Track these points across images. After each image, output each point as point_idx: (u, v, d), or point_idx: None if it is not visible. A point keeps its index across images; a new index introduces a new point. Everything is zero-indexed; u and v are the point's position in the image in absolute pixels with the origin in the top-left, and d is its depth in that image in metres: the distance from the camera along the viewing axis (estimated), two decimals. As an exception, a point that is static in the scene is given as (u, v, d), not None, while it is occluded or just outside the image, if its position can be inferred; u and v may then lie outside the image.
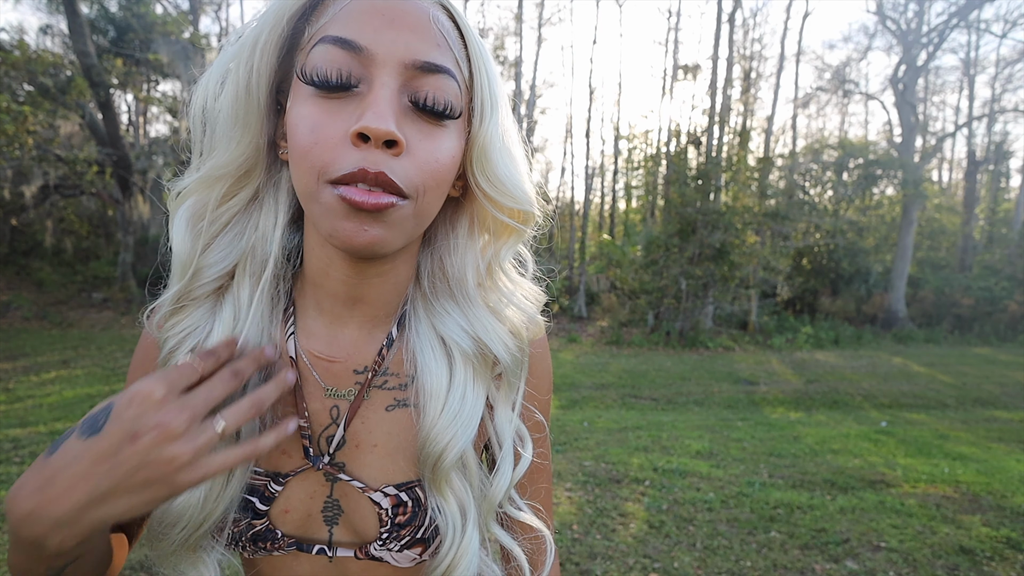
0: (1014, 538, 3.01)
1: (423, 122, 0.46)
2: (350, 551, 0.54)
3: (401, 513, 0.53)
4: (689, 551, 2.86)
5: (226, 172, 0.50)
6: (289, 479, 0.53)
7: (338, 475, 0.53)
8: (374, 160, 0.42)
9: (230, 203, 0.51)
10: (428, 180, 0.46)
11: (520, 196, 0.52)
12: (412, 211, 0.46)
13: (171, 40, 12.12)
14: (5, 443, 4.28)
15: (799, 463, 4.31)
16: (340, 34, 0.43)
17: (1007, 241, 17.66)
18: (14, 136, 8.84)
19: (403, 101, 0.45)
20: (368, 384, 0.54)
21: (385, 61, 0.43)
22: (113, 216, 14.56)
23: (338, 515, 0.54)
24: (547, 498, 0.62)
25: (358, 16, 0.44)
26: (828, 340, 12.40)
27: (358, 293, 0.53)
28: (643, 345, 11.33)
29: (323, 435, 0.54)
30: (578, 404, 6.79)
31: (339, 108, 0.44)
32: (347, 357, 0.54)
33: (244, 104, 0.47)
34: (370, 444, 0.54)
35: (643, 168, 20.99)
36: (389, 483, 0.53)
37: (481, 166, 0.50)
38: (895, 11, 17.57)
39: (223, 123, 0.48)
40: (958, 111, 22.94)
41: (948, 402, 7.37)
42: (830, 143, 18.88)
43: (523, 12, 15.66)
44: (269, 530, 0.53)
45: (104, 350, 8.54)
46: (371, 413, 0.54)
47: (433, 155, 0.46)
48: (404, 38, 0.44)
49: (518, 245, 0.57)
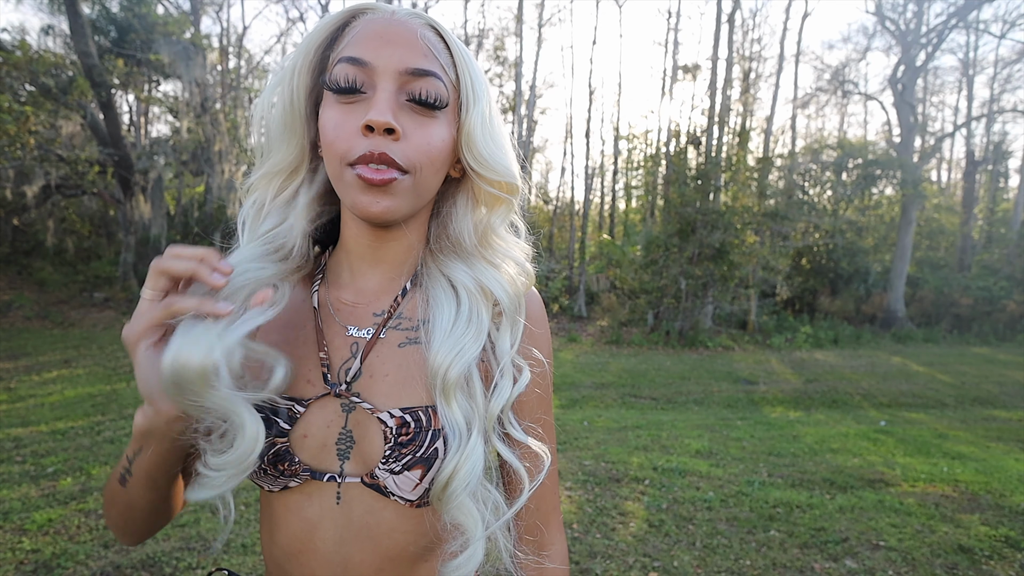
0: (1013, 537, 3.03)
1: (418, 115, 0.59)
2: (357, 478, 0.61)
3: (404, 433, 0.60)
4: (689, 550, 2.88)
5: (280, 168, 0.65)
6: (310, 403, 0.62)
7: (351, 399, 0.61)
8: (378, 144, 0.56)
9: (282, 196, 0.66)
10: (423, 158, 0.58)
11: (503, 171, 0.64)
12: (412, 184, 0.59)
13: (172, 40, 12.11)
14: (7, 442, 4.29)
15: (798, 462, 4.33)
16: (351, 54, 0.58)
17: (1006, 241, 17.67)
18: (16, 136, 8.86)
19: (401, 100, 0.58)
20: (384, 324, 0.65)
21: (384, 71, 0.57)
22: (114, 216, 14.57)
23: (350, 447, 0.61)
24: (548, 429, 0.71)
25: (364, 39, 0.58)
26: (827, 340, 12.42)
27: (379, 255, 0.66)
28: (643, 345, 11.34)
29: (343, 368, 0.63)
30: (578, 403, 6.81)
31: (353, 109, 0.57)
32: (368, 303, 0.66)
33: (290, 116, 0.62)
34: (382, 374, 0.63)
35: (643, 168, 21.01)
36: (396, 406, 0.61)
37: (469, 147, 0.62)
38: (894, 12, 17.59)
39: (276, 132, 0.63)
40: (957, 111, 22.97)
41: (947, 401, 7.39)
42: (829, 143, 18.91)
43: (523, 12, 15.66)
44: (288, 452, 0.60)
45: (105, 349, 8.55)
46: (385, 349, 0.64)
47: (426, 139, 0.58)
48: (398, 53, 0.57)
49: (510, 214, 0.69)
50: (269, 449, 0.60)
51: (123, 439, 4.44)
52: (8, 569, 2.50)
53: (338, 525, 0.61)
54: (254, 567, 2.54)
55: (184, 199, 15.18)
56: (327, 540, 0.61)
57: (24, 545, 2.70)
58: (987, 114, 20.56)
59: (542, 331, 0.71)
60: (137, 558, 2.61)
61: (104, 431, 4.68)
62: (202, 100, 12.60)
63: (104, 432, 4.64)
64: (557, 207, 20.61)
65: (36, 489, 3.40)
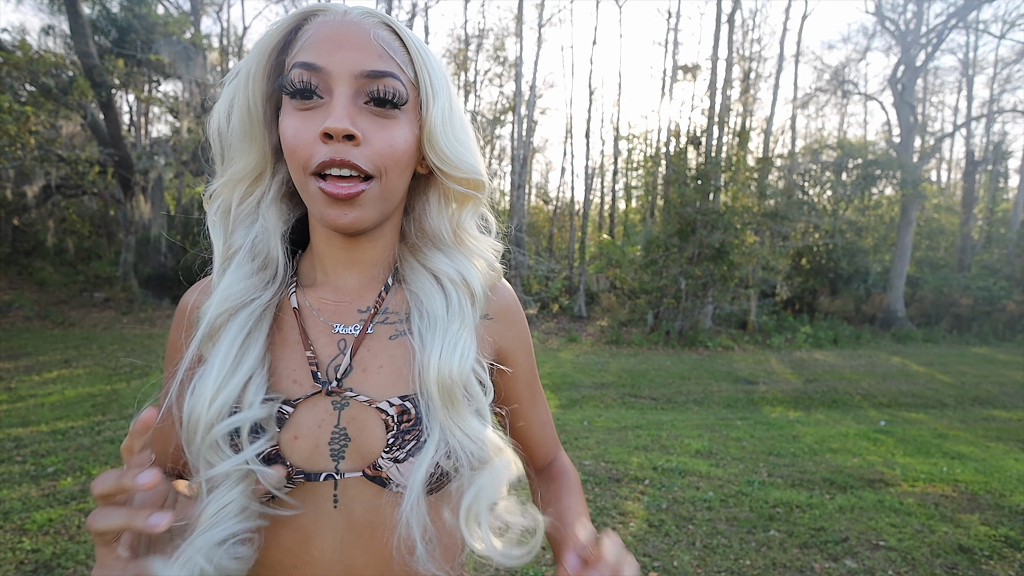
0: (1012, 537, 3.03)
1: (377, 116, 0.58)
2: (358, 473, 0.60)
3: (406, 420, 0.60)
4: (688, 550, 2.88)
5: (243, 175, 0.63)
6: (299, 402, 0.60)
7: (344, 394, 0.60)
8: (339, 150, 0.55)
9: (249, 201, 0.64)
10: (387, 161, 0.58)
11: (467, 167, 0.63)
12: (379, 190, 0.58)
13: (172, 41, 12.12)
14: (7, 442, 4.29)
15: (798, 462, 4.33)
16: (304, 59, 0.56)
17: (1005, 241, 17.66)
18: (16, 136, 8.86)
19: (359, 103, 0.57)
20: (371, 319, 0.64)
21: (340, 75, 0.56)
22: (115, 216, 14.57)
23: (344, 446, 0.60)
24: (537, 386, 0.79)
25: (317, 43, 0.57)
26: (827, 340, 12.42)
27: (354, 257, 0.65)
28: (643, 345, 11.35)
29: (331, 365, 0.62)
30: (578, 403, 6.81)
31: (312, 116, 0.56)
32: (351, 300, 0.66)
33: (248, 122, 0.61)
34: (376, 366, 0.62)
35: (643, 168, 21.00)
36: (394, 395, 0.61)
37: (431, 145, 0.61)
38: (894, 12, 17.59)
39: (236, 139, 0.62)
40: (957, 111, 22.95)
41: (947, 401, 7.39)
42: (829, 143, 18.88)
43: (523, 12, 15.65)
44: (278, 455, 0.59)
45: (106, 349, 8.56)
46: (376, 343, 0.64)
47: (387, 141, 0.57)
48: (352, 56, 0.56)
49: (479, 208, 0.69)
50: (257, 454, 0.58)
51: (123, 439, 4.41)
52: (8, 569, 2.50)
53: (337, 529, 0.59)
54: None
55: (184, 199, 15.17)
56: (325, 548, 0.59)
57: (24, 545, 2.70)
58: (987, 114, 20.56)
59: (520, 315, 0.75)
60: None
61: (104, 431, 4.68)
62: (202, 100, 12.60)
63: (104, 432, 4.65)
64: (557, 207, 20.62)
65: (36, 489, 3.40)
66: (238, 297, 0.60)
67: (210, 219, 0.64)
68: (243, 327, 0.60)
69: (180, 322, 0.67)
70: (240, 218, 0.64)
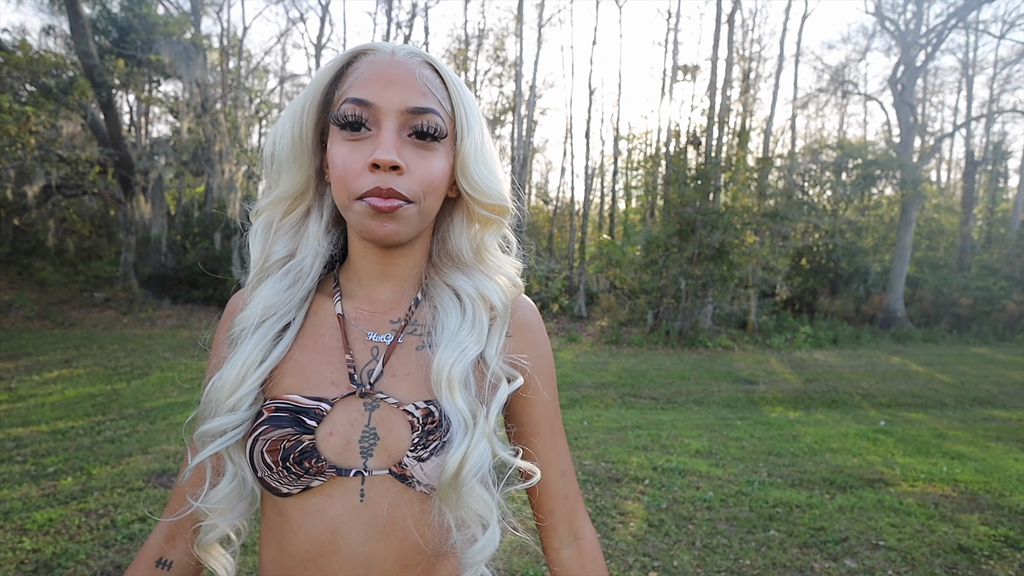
0: (1012, 537, 3.03)
1: (419, 148, 0.64)
2: (384, 470, 0.64)
3: (430, 422, 0.64)
4: (688, 550, 2.88)
5: (288, 195, 0.70)
6: (336, 402, 0.65)
7: (376, 396, 0.66)
8: (384, 180, 0.61)
9: (290, 217, 0.72)
10: (426, 188, 0.64)
11: (494, 194, 0.70)
12: (416, 211, 0.64)
13: (173, 41, 12.11)
14: (7, 442, 4.30)
15: (798, 462, 4.33)
16: (356, 95, 0.63)
17: (1005, 241, 17.67)
18: (16, 136, 8.86)
19: (403, 135, 0.63)
20: (402, 330, 0.71)
21: (388, 111, 0.62)
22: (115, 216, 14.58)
23: (373, 444, 0.65)
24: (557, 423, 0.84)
25: (367, 81, 0.63)
26: (827, 340, 12.42)
27: (387, 270, 0.72)
28: (642, 345, 11.35)
29: (365, 369, 0.68)
30: (578, 403, 6.81)
31: (360, 147, 0.63)
32: (384, 311, 0.72)
33: (298, 148, 0.68)
34: (404, 373, 0.68)
35: (643, 168, 21.02)
36: (420, 399, 0.66)
37: (464, 173, 0.68)
38: (894, 12, 17.59)
39: (285, 162, 0.69)
40: (956, 111, 22.96)
41: (946, 401, 7.39)
42: (829, 143, 18.90)
43: (523, 13, 15.66)
44: (314, 449, 0.63)
45: (106, 349, 8.56)
46: (405, 352, 0.70)
47: (427, 171, 0.64)
48: (399, 94, 0.62)
49: (502, 231, 0.75)
50: (296, 447, 0.63)
51: (123, 439, 4.44)
52: (8, 569, 2.51)
53: (363, 522, 0.63)
54: (254, 566, 2.54)
55: (184, 199, 15.18)
56: (351, 539, 0.63)
57: (24, 545, 2.71)
58: (987, 114, 20.56)
59: (541, 336, 0.79)
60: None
61: (104, 431, 4.68)
62: (202, 100, 12.61)
63: (104, 432, 4.65)
64: (557, 207, 20.62)
65: (36, 489, 3.40)
66: (271, 310, 0.68)
67: (252, 231, 0.72)
68: (267, 333, 0.67)
69: (225, 324, 0.74)
70: (280, 232, 0.71)
